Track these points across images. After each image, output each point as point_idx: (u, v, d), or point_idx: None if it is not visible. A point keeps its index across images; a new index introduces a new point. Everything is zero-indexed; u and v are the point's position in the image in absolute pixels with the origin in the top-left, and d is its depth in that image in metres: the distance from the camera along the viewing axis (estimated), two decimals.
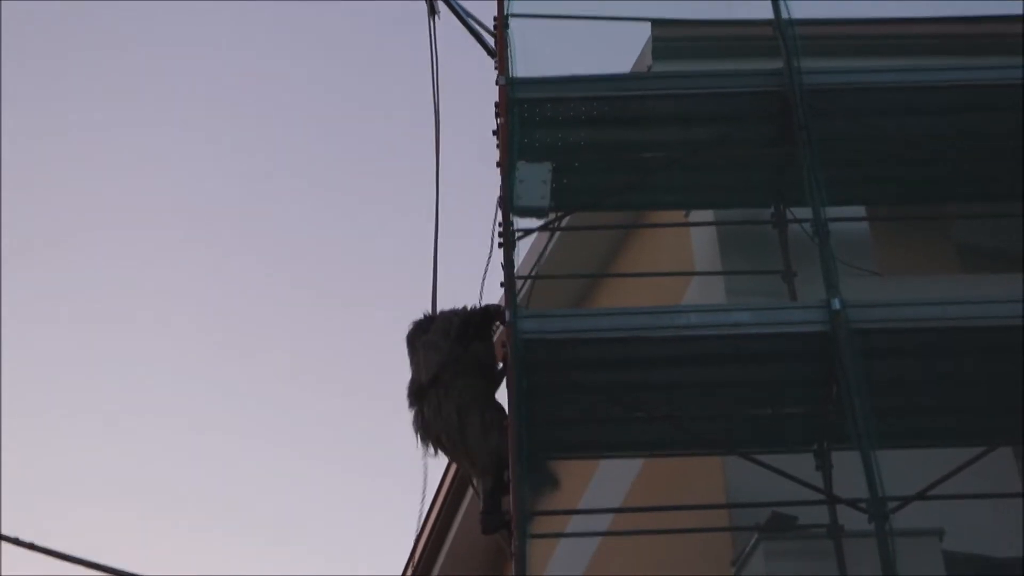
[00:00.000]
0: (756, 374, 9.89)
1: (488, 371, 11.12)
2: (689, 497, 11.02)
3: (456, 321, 11.24)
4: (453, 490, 16.46)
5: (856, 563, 9.43)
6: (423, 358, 11.11)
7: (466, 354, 10.96)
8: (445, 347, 11.02)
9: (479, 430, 10.64)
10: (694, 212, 12.52)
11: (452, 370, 10.86)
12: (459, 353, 10.97)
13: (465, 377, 10.83)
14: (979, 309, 9.59)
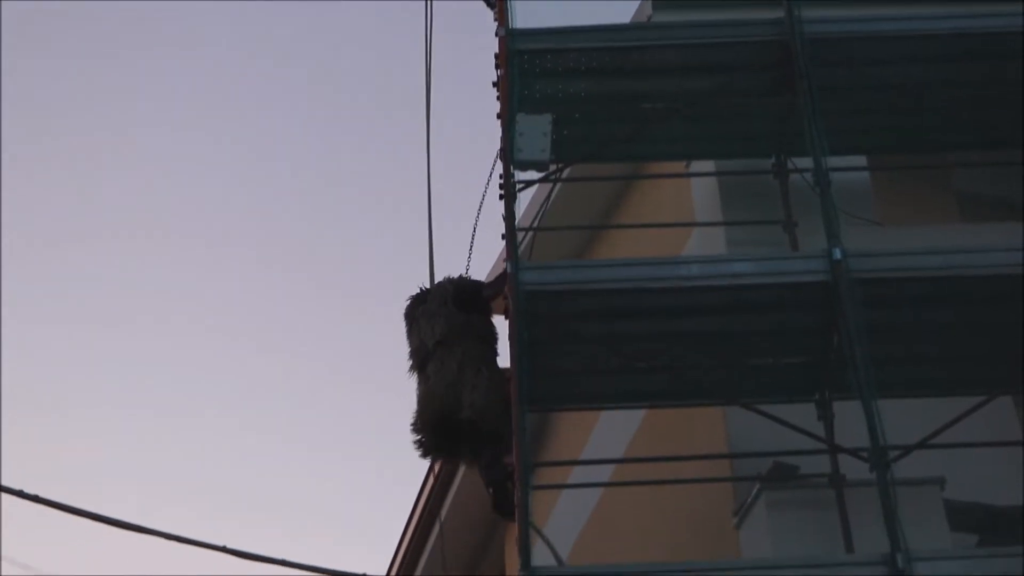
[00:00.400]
0: (757, 324, 9.90)
1: (487, 340, 11.19)
2: (690, 448, 11.05)
3: (451, 289, 11.33)
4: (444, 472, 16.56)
5: (858, 512, 9.47)
6: (424, 325, 11.20)
7: (466, 321, 11.02)
8: (445, 312, 11.10)
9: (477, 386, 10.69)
10: (695, 163, 12.52)
11: (456, 332, 10.93)
12: (460, 319, 11.04)
13: (466, 340, 10.89)
14: (979, 258, 9.59)
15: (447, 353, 10.92)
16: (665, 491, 11.13)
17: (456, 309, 11.15)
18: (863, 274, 9.29)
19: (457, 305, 11.18)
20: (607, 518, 12.97)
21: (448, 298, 11.27)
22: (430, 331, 11.11)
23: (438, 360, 10.93)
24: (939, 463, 9.78)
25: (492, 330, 11.32)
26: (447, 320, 11.08)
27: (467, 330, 11.03)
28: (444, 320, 11.09)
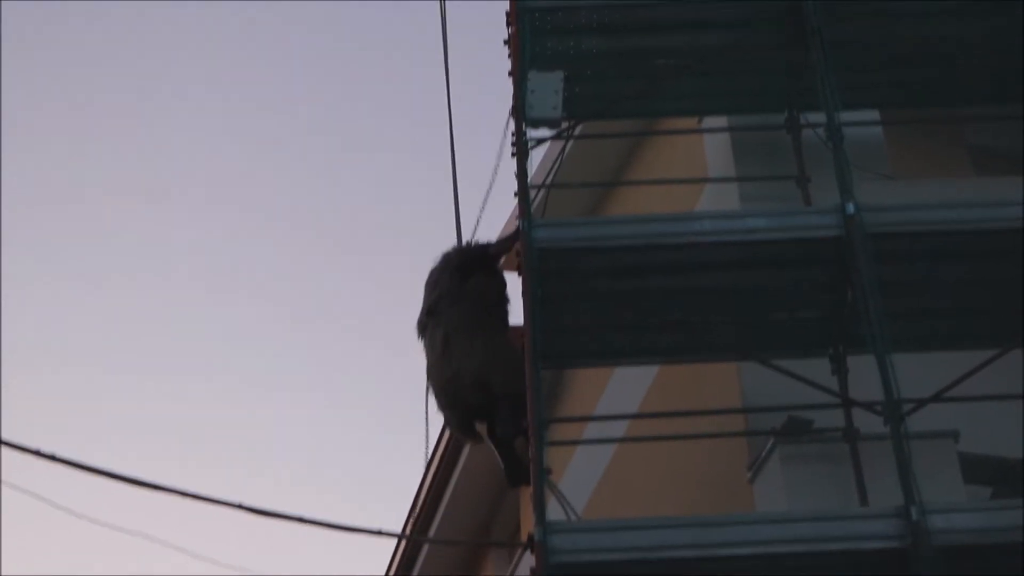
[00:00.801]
0: (770, 279, 9.90)
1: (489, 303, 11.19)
2: (704, 402, 11.10)
3: (455, 256, 11.35)
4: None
5: (872, 466, 9.51)
6: (426, 294, 11.24)
7: (463, 286, 11.01)
8: (442, 281, 11.13)
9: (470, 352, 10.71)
10: (707, 119, 12.51)
11: (447, 301, 10.92)
12: (454, 286, 11.04)
13: (460, 306, 10.88)
14: (993, 212, 9.60)
15: (436, 323, 10.97)
16: (679, 447, 11.16)
17: (454, 276, 11.13)
18: (876, 228, 9.29)
19: (460, 271, 11.17)
20: (621, 474, 13.01)
21: (451, 265, 11.26)
22: (428, 298, 11.18)
23: (430, 331, 11.01)
24: (953, 416, 9.81)
25: (499, 290, 11.30)
26: (442, 288, 11.10)
27: (460, 297, 10.99)
28: (439, 288, 11.12)
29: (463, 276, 11.07)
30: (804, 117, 11.38)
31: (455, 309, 10.89)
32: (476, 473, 16.54)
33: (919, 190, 11.45)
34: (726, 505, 10.59)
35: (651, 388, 12.27)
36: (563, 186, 13.20)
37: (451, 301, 10.94)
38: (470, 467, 16.40)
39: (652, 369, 12.25)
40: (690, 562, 8.35)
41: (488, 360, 10.64)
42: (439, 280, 11.16)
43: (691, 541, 8.36)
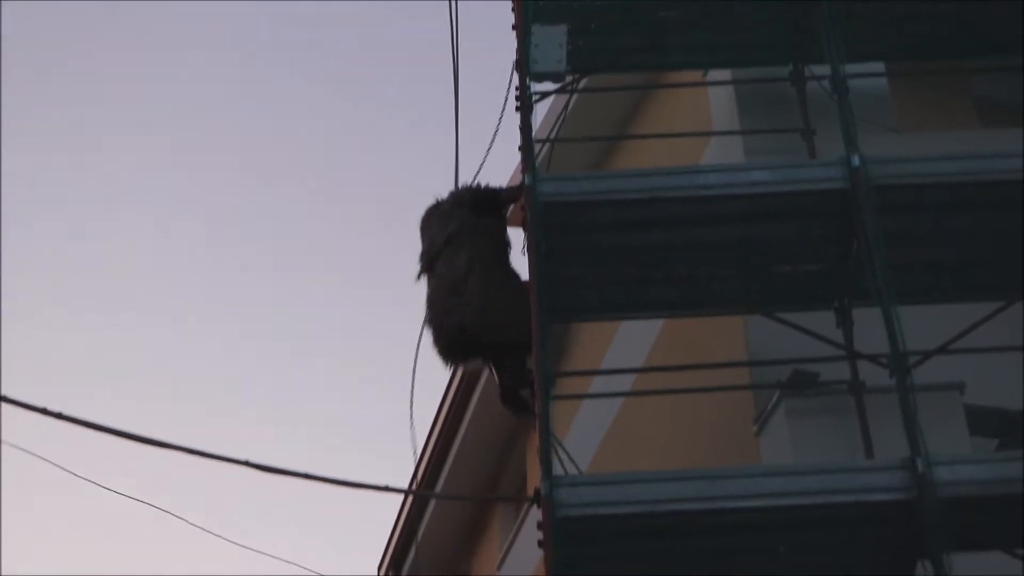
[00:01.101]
0: (775, 232, 9.91)
1: (500, 246, 11.18)
2: (710, 356, 11.12)
3: (466, 194, 11.31)
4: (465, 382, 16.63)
5: (877, 418, 9.53)
6: (436, 226, 11.18)
7: (479, 223, 11.01)
8: (458, 213, 11.09)
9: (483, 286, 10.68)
10: (711, 72, 12.50)
11: (467, 231, 10.91)
12: (472, 220, 11.02)
13: (477, 240, 10.88)
14: (999, 163, 9.59)
15: (456, 251, 10.86)
16: (684, 400, 11.20)
17: (470, 212, 11.13)
18: (881, 181, 9.30)
19: (473, 209, 11.16)
20: (627, 428, 13.07)
21: (464, 201, 11.24)
22: (442, 230, 11.08)
23: (447, 257, 10.89)
24: (958, 369, 9.85)
25: (506, 236, 11.32)
26: (460, 220, 11.04)
27: (480, 230, 10.99)
28: (457, 220, 11.05)
29: (477, 214, 11.07)
30: (809, 69, 11.38)
31: (478, 240, 10.84)
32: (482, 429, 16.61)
33: (924, 142, 11.45)
34: (732, 458, 10.64)
35: (656, 342, 12.32)
36: (567, 140, 13.23)
37: (472, 231, 10.91)
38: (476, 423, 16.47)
39: (657, 323, 12.29)
40: (696, 515, 8.40)
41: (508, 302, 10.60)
42: (452, 213, 11.12)
43: (696, 494, 8.39)
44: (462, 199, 11.26)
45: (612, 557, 8.85)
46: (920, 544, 8.23)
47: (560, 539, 8.21)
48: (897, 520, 8.32)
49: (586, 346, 14.46)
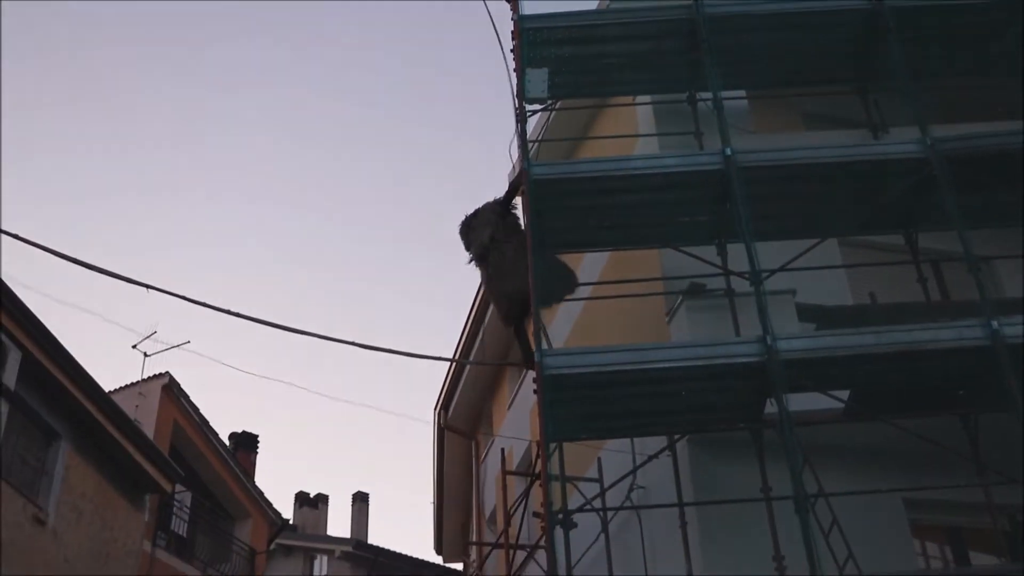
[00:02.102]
0: (680, 196, 10.00)
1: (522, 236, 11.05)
2: (638, 273, 11.21)
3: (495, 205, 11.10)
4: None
5: (743, 312, 9.67)
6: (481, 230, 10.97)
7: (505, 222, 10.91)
8: (494, 219, 10.93)
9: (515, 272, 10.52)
10: (639, 96, 12.51)
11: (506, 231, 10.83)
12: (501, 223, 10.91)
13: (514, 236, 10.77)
14: (817, 152, 9.72)
15: (501, 246, 10.75)
16: (623, 302, 11.31)
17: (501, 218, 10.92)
18: (744, 163, 9.43)
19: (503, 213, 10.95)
20: (587, 320, 13.18)
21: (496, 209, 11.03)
22: (487, 232, 10.88)
23: (496, 252, 10.75)
24: (792, 280, 9.94)
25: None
26: (497, 224, 10.89)
27: (514, 228, 10.81)
28: (494, 225, 10.89)
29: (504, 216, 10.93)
30: (699, 95, 11.41)
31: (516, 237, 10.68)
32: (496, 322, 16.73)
33: (770, 139, 11.50)
34: (652, 338, 10.75)
35: (605, 266, 12.40)
36: (549, 140, 13.29)
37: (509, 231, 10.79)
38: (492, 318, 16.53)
39: (606, 254, 12.38)
40: (630, 373, 8.56)
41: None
42: (490, 220, 10.91)
43: (631, 360, 8.56)
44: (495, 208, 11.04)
45: (579, 399, 9.00)
46: (768, 388, 8.39)
47: (547, 388, 8.38)
48: (754, 374, 8.48)
49: None
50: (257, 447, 27.92)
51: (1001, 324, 8.32)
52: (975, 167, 9.51)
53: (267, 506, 25.60)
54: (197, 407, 22.72)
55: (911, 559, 9.83)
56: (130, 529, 18.50)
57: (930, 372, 8.85)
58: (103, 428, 17.22)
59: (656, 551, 10.13)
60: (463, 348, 18.43)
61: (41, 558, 15.53)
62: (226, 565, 23.56)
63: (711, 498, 9.34)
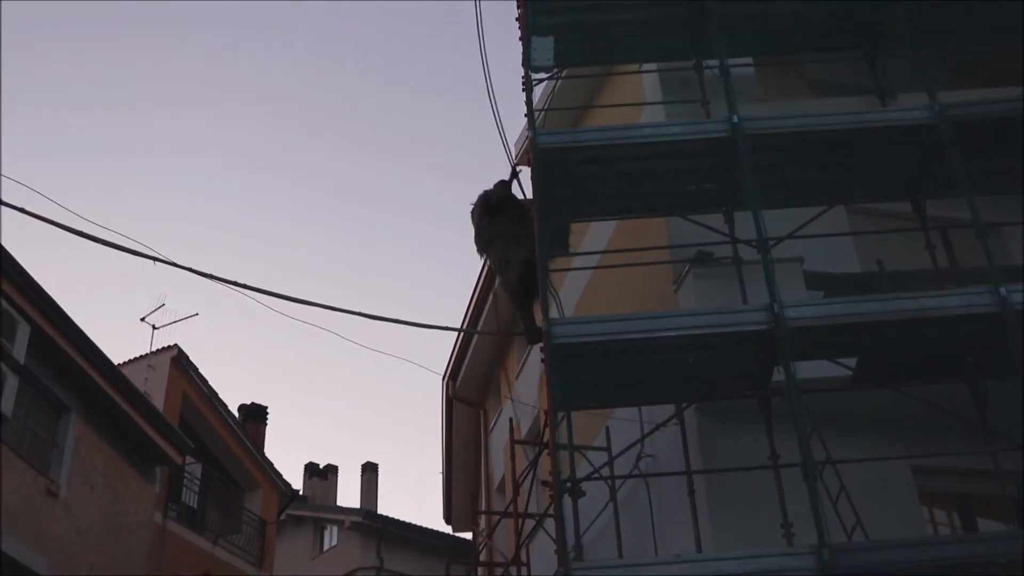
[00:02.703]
0: (687, 164, 9.91)
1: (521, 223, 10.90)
2: (646, 242, 11.19)
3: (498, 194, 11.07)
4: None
5: (750, 280, 9.62)
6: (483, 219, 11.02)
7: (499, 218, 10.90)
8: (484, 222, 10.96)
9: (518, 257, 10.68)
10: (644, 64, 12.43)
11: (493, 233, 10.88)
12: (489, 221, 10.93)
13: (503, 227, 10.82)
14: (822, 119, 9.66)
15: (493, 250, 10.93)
16: (630, 271, 11.29)
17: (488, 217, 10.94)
18: (751, 131, 9.36)
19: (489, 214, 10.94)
20: (595, 289, 13.18)
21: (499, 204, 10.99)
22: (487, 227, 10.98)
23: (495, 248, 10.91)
24: (800, 248, 9.91)
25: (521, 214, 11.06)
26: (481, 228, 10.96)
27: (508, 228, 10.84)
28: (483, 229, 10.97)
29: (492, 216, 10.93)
30: (705, 63, 11.35)
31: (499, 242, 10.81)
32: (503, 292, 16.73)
33: (777, 107, 11.46)
34: (660, 306, 10.71)
35: (613, 235, 12.40)
36: (555, 109, 13.26)
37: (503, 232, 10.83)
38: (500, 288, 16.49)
39: (613, 224, 12.36)
40: (638, 341, 8.54)
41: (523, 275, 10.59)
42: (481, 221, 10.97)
43: (638, 328, 8.54)
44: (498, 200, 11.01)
45: (586, 368, 9.00)
46: (776, 356, 8.38)
47: (554, 357, 8.38)
48: (762, 342, 8.46)
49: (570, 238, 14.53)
50: (266, 419, 28.04)
51: (1009, 291, 8.27)
52: (984, 133, 9.45)
53: (277, 477, 25.73)
54: (206, 379, 22.82)
55: (919, 526, 9.86)
56: (141, 501, 18.62)
57: (938, 339, 8.83)
58: (113, 401, 17.31)
59: (664, 519, 10.16)
60: (471, 318, 18.45)
61: (53, 530, 15.63)
62: (237, 536, 23.70)
63: (719, 466, 9.36)
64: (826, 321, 8.48)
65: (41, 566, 15.18)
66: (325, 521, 33.33)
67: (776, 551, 7.66)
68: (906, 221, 10.58)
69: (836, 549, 7.34)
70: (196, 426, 22.65)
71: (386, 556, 31.08)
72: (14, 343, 14.84)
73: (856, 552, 7.59)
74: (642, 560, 8.46)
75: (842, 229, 10.99)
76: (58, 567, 15.58)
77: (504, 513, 15.03)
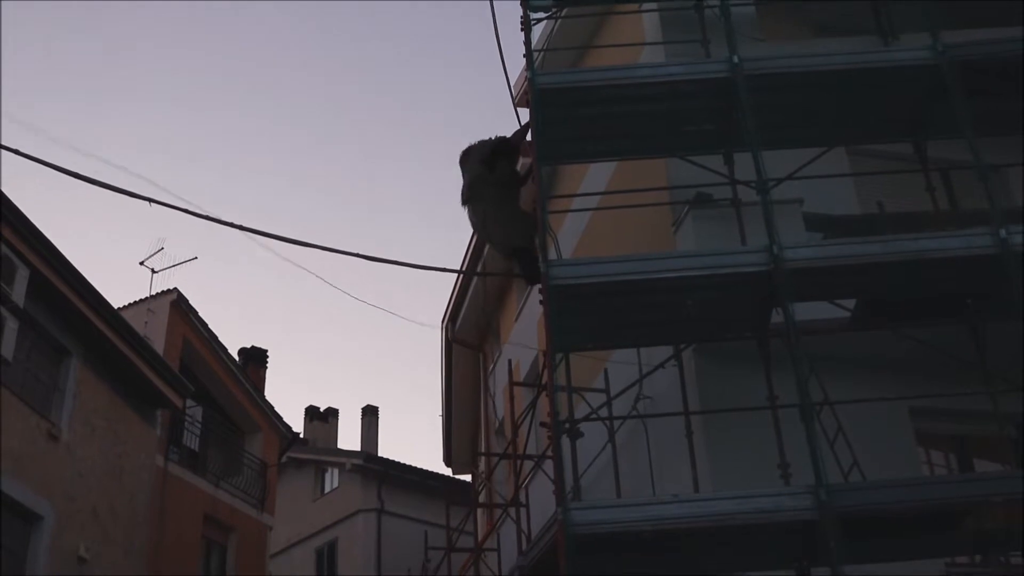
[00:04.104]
0: (685, 105, 9.82)
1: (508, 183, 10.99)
2: (645, 183, 11.14)
3: (485, 150, 10.98)
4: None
5: (749, 222, 9.59)
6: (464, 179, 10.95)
7: (492, 172, 10.78)
8: (476, 169, 10.86)
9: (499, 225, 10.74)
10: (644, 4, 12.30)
11: (479, 185, 10.75)
12: (485, 173, 10.81)
13: (489, 189, 10.72)
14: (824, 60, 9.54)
15: (477, 201, 10.83)
16: (629, 212, 11.25)
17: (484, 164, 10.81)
18: (752, 71, 9.27)
19: (486, 162, 10.82)
20: (594, 231, 13.15)
21: (483, 155, 10.89)
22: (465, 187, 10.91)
23: (472, 206, 10.88)
24: (799, 189, 9.85)
25: (515, 174, 11.16)
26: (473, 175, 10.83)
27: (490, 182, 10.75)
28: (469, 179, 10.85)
29: (490, 166, 10.82)
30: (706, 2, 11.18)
31: (488, 190, 10.71)
32: None
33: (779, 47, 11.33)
34: (658, 247, 10.72)
35: (612, 176, 12.34)
36: (555, 49, 13.14)
37: (483, 184, 10.75)
38: None
39: (612, 165, 12.29)
40: (636, 283, 8.51)
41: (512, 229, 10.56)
42: (472, 167, 10.88)
43: (637, 269, 8.50)
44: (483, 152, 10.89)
45: (583, 308, 8.98)
46: (775, 297, 8.36)
47: (553, 298, 8.36)
48: (761, 283, 8.43)
49: (567, 180, 14.47)
50: (266, 362, 28.11)
51: (1010, 232, 8.23)
52: (986, 74, 9.35)
53: (277, 420, 25.84)
54: (206, 323, 22.83)
55: (916, 467, 9.91)
56: (142, 444, 18.72)
57: (937, 281, 8.80)
58: (113, 345, 17.34)
59: (663, 460, 10.20)
60: (470, 260, 18.41)
61: (56, 473, 15.72)
62: (238, 479, 23.86)
63: (717, 407, 9.39)
64: (825, 262, 8.44)
65: (44, 508, 15.29)
66: (326, 464, 33.52)
67: (773, 491, 7.68)
68: (907, 163, 10.52)
69: (832, 489, 7.36)
70: (196, 370, 22.71)
71: (387, 498, 31.31)
72: (13, 287, 14.81)
73: (852, 492, 7.62)
74: (639, 500, 8.48)
75: (842, 170, 10.92)
76: (60, 509, 15.70)
77: (503, 455, 15.11)
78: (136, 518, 18.15)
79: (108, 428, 17.50)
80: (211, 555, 22.65)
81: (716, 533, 7.63)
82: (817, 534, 7.24)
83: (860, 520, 7.49)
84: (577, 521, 7.33)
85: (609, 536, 7.46)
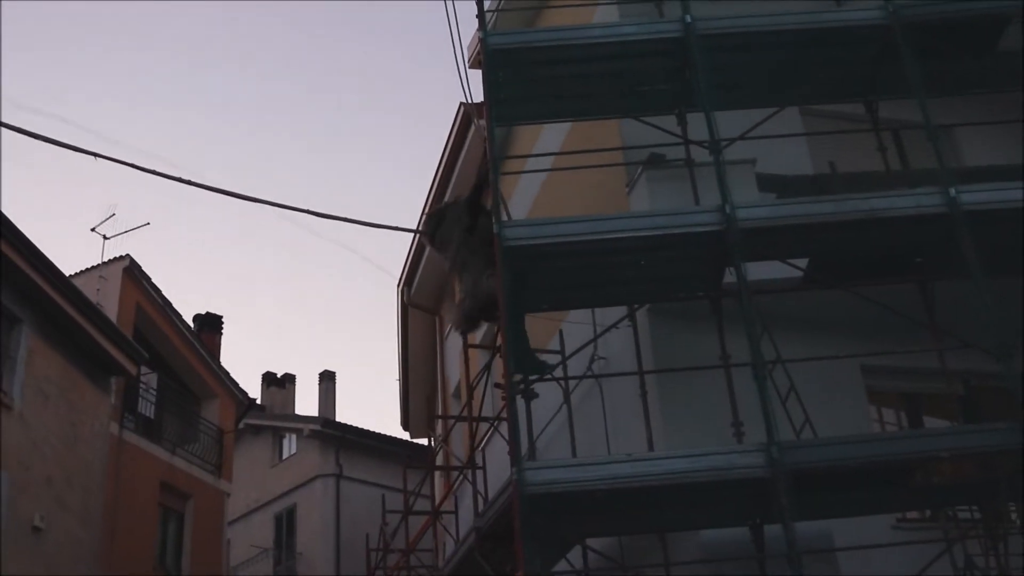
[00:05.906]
0: (639, 65, 9.78)
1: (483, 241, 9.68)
2: (599, 144, 11.11)
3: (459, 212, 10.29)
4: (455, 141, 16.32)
5: (702, 182, 9.53)
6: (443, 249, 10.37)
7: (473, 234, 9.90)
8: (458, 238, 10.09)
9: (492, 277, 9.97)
10: None
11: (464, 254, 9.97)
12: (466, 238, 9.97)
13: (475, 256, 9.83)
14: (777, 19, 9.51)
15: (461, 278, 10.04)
16: (583, 173, 11.22)
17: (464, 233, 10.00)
18: (704, 31, 9.23)
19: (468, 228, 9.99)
20: (549, 192, 13.11)
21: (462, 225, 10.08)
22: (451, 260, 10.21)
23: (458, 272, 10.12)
24: (752, 149, 9.86)
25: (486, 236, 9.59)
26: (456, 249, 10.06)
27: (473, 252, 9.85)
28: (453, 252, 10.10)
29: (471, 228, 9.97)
30: None
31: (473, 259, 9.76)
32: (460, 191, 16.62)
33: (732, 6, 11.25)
34: (612, 208, 10.70)
35: (566, 137, 12.29)
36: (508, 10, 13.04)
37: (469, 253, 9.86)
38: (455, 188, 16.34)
39: (566, 127, 12.25)
40: (589, 243, 8.48)
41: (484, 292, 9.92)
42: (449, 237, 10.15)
43: (590, 230, 8.46)
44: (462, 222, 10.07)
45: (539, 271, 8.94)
46: (727, 257, 8.36)
47: (507, 260, 8.32)
48: (713, 243, 8.42)
49: (522, 141, 14.41)
50: (221, 328, 27.90)
51: (959, 192, 8.29)
52: (937, 35, 9.39)
53: (233, 386, 25.71)
54: (159, 289, 22.63)
55: (867, 424, 10.03)
56: (97, 412, 18.54)
57: (888, 240, 8.85)
58: (65, 312, 17.14)
59: (617, 420, 10.24)
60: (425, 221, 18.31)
61: (9, 441, 15.54)
62: (194, 445, 23.74)
63: (671, 366, 9.42)
64: (777, 222, 8.45)
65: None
66: (284, 430, 33.44)
67: (725, 449, 7.73)
68: (859, 123, 10.56)
69: (784, 446, 7.41)
70: (150, 336, 22.53)
71: (345, 463, 31.31)
72: None
73: (804, 449, 7.68)
74: (594, 459, 8.50)
75: (795, 131, 10.96)
76: (14, 479, 15.54)
77: (459, 417, 15.11)
78: (91, 487, 18.01)
79: (61, 396, 17.31)
80: (168, 522, 22.58)
81: (670, 491, 7.67)
82: (769, 491, 7.29)
83: (812, 477, 7.54)
84: (531, 481, 7.33)
85: (564, 496, 7.47)
